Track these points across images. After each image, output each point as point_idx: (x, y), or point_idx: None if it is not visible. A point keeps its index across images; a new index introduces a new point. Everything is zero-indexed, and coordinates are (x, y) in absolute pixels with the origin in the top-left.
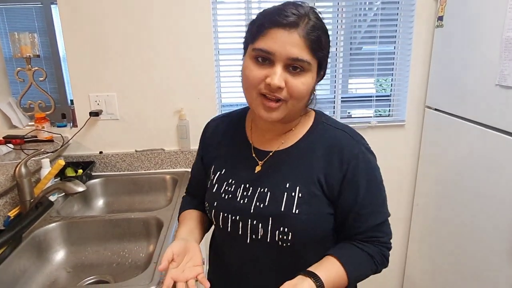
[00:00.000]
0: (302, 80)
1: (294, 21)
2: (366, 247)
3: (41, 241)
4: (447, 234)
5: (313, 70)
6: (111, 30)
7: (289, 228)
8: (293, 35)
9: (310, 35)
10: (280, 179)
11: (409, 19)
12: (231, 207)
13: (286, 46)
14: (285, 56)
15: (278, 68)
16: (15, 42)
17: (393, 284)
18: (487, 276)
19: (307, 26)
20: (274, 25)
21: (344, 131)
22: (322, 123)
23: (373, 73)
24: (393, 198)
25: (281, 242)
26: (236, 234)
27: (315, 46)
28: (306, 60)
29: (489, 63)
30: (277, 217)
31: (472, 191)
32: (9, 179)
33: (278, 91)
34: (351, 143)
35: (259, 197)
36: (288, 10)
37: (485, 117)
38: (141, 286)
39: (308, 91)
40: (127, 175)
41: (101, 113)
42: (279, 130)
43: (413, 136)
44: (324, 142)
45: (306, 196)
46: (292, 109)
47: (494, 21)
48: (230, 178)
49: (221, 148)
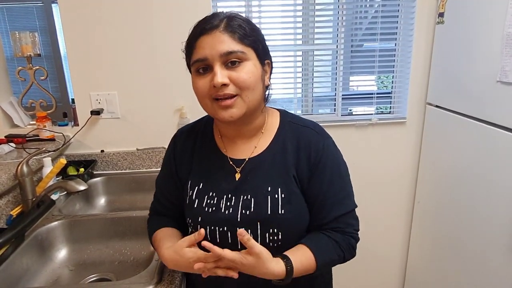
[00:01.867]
0: (244, 70)
1: (214, 24)
2: (333, 234)
3: (44, 240)
4: (448, 231)
5: (252, 57)
6: (111, 29)
7: (278, 228)
8: (216, 34)
9: (232, 29)
10: (260, 183)
11: (410, 15)
12: (216, 219)
13: (214, 46)
14: (217, 54)
15: (217, 68)
16: (16, 41)
17: (395, 280)
18: (489, 272)
19: (227, 23)
20: (198, 36)
21: (310, 128)
22: (288, 122)
23: (374, 70)
24: (394, 195)
25: (272, 243)
26: (226, 244)
27: (239, 36)
28: (237, 50)
29: (490, 59)
30: (265, 221)
31: (474, 188)
32: (11, 178)
33: (225, 88)
34: (317, 138)
35: (243, 205)
36: (207, 19)
37: (487, 113)
38: (142, 284)
39: (256, 79)
40: (128, 173)
41: (102, 111)
42: (247, 134)
43: (414, 133)
44: (293, 140)
45: (288, 196)
46: (249, 101)
47: (495, 17)
48: (210, 191)
49: (194, 162)
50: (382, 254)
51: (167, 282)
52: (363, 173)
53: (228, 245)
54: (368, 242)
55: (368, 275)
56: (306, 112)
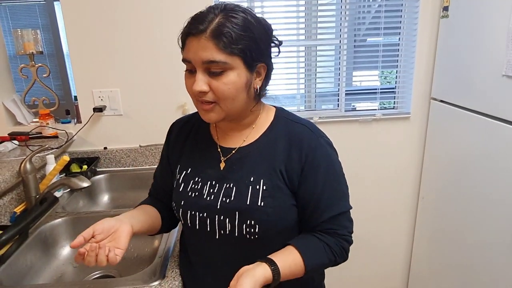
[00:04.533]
0: (224, 81)
1: (202, 28)
2: (325, 238)
3: (47, 237)
4: (452, 226)
5: (237, 67)
6: (114, 26)
7: (255, 221)
8: (201, 40)
9: (217, 35)
10: (244, 173)
11: (414, 9)
12: (198, 205)
13: (197, 52)
14: (199, 61)
15: (199, 74)
16: (18, 39)
17: (400, 275)
18: (492, 267)
19: (216, 27)
20: (187, 36)
21: (304, 125)
22: (282, 118)
23: (377, 65)
24: (398, 191)
25: (249, 235)
26: (205, 231)
27: (225, 44)
28: (219, 60)
29: (495, 53)
30: (243, 211)
31: (479, 184)
32: (15, 176)
33: (202, 95)
34: (310, 136)
35: (225, 193)
36: (198, 19)
37: (492, 108)
38: (146, 281)
39: (237, 89)
40: (131, 170)
41: (105, 108)
42: (237, 127)
43: (419, 129)
44: (285, 136)
45: (270, 189)
46: (229, 109)
47: (500, 11)
48: (196, 176)
49: (186, 148)
50: (387, 249)
51: (171, 278)
52: (367, 169)
53: (207, 233)
54: (372, 237)
55: (372, 270)
56: (309, 108)
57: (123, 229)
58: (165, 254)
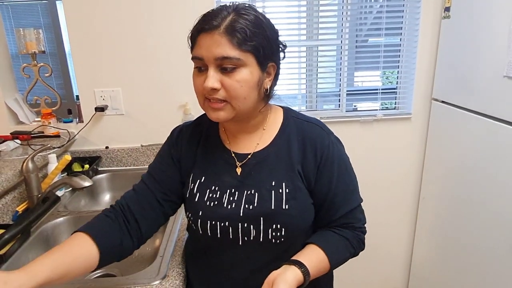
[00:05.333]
0: (237, 78)
1: (215, 23)
2: (343, 232)
3: (49, 235)
4: (453, 227)
5: (249, 64)
6: (115, 26)
7: (281, 224)
8: (215, 36)
9: (231, 31)
10: (264, 178)
11: (416, 10)
12: (218, 214)
13: (210, 48)
14: (212, 57)
15: (211, 71)
16: (21, 38)
17: (400, 275)
18: (494, 268)
19: (230, 24)
20: (200, 32)
21: (315, 124)
22: (292, 118)
23: (379, 66)
24: (399, 191)
25: (274, 240)
26: (227, 239)
27: (239, 40)
28: (233, 56)
29: (497, 54)
30: (268, 216)
31: (480, 185)
32: (17, 175)
33: (214, 92)
34: (322, 134)
35: (246, 200)
36: (212, 15)
37: (493, 109)
38: (147, 280)
39: (249, 87)
40: (133, 169)
41: (107, 108)
42: (247, 129)
43: (420, 129)
44: (298, 135)
45: (292, 191)
46: (239, 109)
47: (501, 12)
48: (212, 185)
49: (197, 155)
50: (387, 249)
51: (172, 277)
52: (368, 169)
53: (229, 241)
54: (373, 238)
55: (373, 270)
56: (311, 108)
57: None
58: (166, 253)
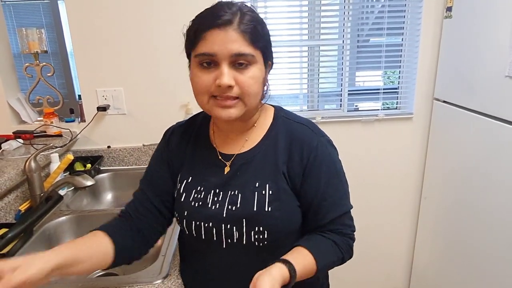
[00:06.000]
0: (250, 75)
1: (228, 19)
2: (331, 236)
3: (52, 234)
4: (455, 226)
5: (259, 61)
6: (117, 25)
7: (264, 227)
8: (229, 32)
9: (245, 28)
10: (249, 179)
11: (417, 10)
12: (202, 214)
13: (225, 45)
14: (227, 54)
15: (225, 68)
16: (23, 38)
17: (401, 275)
18: (496, 268)
19: (241, 21)
20: (210, 27)
21: (304, 125)
22: (282, 117)
23: (380, 66)
24: (401, 191)
25: (257, 242)
26: (211, 241)
27: (253, 38)
28: (248, 53)
29: (499, 54)
30: (250, 218)
31: (481, 185)
32: (20, 174)
33: (229, 90)
34: (311, 136)
35: (230, 200)
36: (220, 11)
37: (495, 109)
38: (149, 279)
39: (260, 84)
40: (134, 169)
41: (109, 108)
42: (240, 129)
43: (421, 129)
44: (286, 136)
45: (276, 193)
46: (250, 105)
47: (503, 11)
48: (198, 185)
49: (187, 155)
50: (389, 249)
51: (174, 277)
52: (369, 169)
53: (213, 242)
54: (374, 238)
55: (374, 270)
56: (312, 107)
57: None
58: (168, 252)
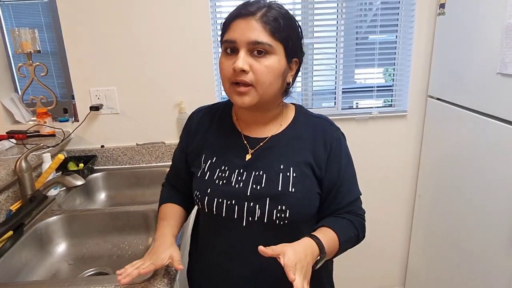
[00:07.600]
0: (265, 63)
1: (252, 11)
2: (346, 215)
3: (43, 234)
4: (449, 224)
5: (279, 53)
6: (110, 25)
7: (286, 205)
8: (251, 21)
9: (267, 20)
10: (273, 161)
11: (411, 7)
12: (226, 192)
13: (245, 32)
14: (245, 41)
15: (242, 53)
16: (16, 38)
17: (397, 272)
18: (489, 266)
19: (265, 13)
20: (235, 18)
21: (324, 119)
22: (303, 113)
23: (374, 63)
24: (395, 189)
25: (278, 221)
26: (231, 219)
27: (273, 28)
28: (265, 42)
29: (490, 51)
30: (274, 197)
31: (475, 181)
32: (11, 174)
33: (243, 74)
34: (331, 128)
35: (254, 180)
36: (249, 5)
37: (487, 106)
38: (139, 278)
39: (275, 75)
40: (128, 168)
41: (102, 107)
42: (261, 121)
43: (415, 126)
44: (308, 128)
45: (300, 176)
46: (263, 94)
47: (495, 9)
48: (222, 165)
49: (209, 137)
50: (384, 246)
51: (161, 276)
52: (364, 167)
53: (233, 220)
54: (369, 235)
55: (370, 267)
56: (306, 105)
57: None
58: None
